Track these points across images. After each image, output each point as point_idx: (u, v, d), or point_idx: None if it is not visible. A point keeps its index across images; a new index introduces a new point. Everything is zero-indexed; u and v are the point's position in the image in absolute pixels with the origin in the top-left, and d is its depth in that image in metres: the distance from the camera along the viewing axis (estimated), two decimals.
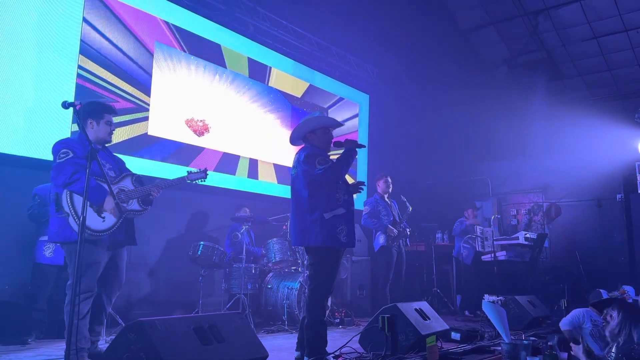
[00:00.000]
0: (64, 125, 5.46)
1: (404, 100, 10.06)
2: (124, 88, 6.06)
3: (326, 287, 3.75)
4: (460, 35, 10.65)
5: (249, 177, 7.49)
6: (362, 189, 4.00)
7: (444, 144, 10.18)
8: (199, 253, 5.85)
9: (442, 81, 9.77)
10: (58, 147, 3.56)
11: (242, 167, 7.40)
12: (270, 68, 8.02)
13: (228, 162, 7.19)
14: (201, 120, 6.88)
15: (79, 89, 5.62)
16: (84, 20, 5.74)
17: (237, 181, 7.29)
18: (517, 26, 10.17)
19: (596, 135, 9.18)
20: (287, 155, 7.99)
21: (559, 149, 9.75)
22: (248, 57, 7.66)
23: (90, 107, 3.75)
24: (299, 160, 3.86)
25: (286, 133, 8.07)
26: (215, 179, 6.92)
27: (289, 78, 8.35)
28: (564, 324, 4.52)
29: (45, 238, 4.70)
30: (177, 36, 6.72)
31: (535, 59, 10.73)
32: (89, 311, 3.54)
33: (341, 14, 8.55)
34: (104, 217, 3.54)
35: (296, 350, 3.84)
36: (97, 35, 5.86)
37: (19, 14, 5.22)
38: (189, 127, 6.73)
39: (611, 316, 3.60)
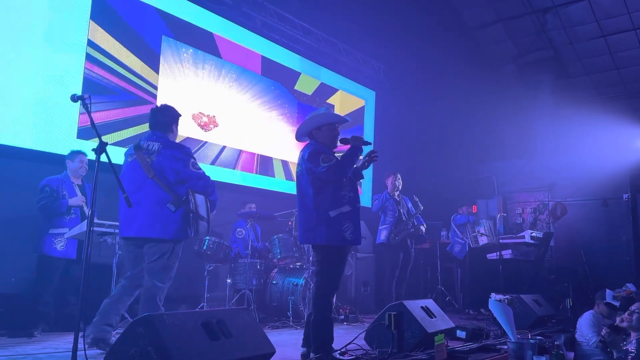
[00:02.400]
0: (72, 119, 5.47)
1: (410, 97, 10.02)
2: (134, 76, 6.07)
3: (332, 285, 3.74)
4: (467, 33, 10.59)
5: (257, 173, 7.49)
6: (376, 158, 3.90)
7: (450, 141, 10.14)
8: (204, 248, 5.86)
9: (449, 78, 9.72)
10: (186, 153, 3.82)
11: (248, 163, 7.41)
12: (276, 63, 8.00)
13: (243, 159, 7.19)
14: (209, 116, 6.87)
15: (87, 81, 5.62)
16: (91, 18, 5.74)
17: (242, 177, 7.29)
18: (525, 24, 10.10)
19: (603, 134, 9.13)
20: (295, 151, 7.98)
21: (566, 147, 9.70)
22: (255, 52, 7.64)
23: (175, 113, 3.99)
24: (303, 157, 3.81)
25: (292, 129, 8.07)
26: (221, 174, 6.92)
27: (295, 73, 8.33)
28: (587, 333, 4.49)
29: (56, 231, 4.71)
30: (184, 31, 6.71)
31: (543, 57, 10.67)
32: None
33: (348, 10, 8.53)
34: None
35: (302, 346, 3.83)
36: (105, 31, 5.85)
37: (27, 7, 5.22)
38: (196, 121, 6.72)
39: (634, 311, 3.60)
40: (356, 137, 3.89)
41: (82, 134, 5.53)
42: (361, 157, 3.98)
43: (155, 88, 6.30)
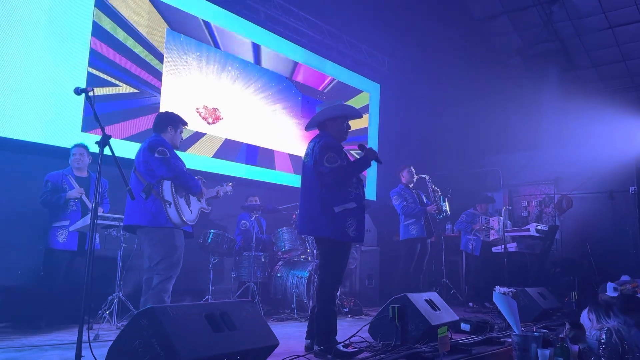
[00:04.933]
0: (76, 112, 5.48)
1: (415, 90, 9.97)
2: (136, 73, 6.07)
3: (335, 278, 3.74)
4: (473, 25, 10.51)
5: (261, 166, 7.48)
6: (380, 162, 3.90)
7: (455, 134, 10.08)
8: (209, 241, 5.88)
9: (454, 71, 9.66)
10: (156, 143, 3.94)
11: (252, 155, 7.41)
12: (281, 56, 7.98)
13: (248, 151, 7.19)
14: (213, 109, 6.87)
15: (90, 76, 5.62)
16: (96, 6, 5.74)
17: (247, 170, 7.28)
18: (531, 15, 10.01)
19: (609, 127, 9.07)
20: (299, 144, 7.97)
21: (572, 140, 9.64)
22: (259, 45, 7.62)
23: (172, 116, 4.21)
24: (313, 149, 3.77)
25: (296, 122, 8.06)
26: (226, 168, 6.93)
27: (299, 66, 8.31)
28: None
29: (59, 224, 4.74)
30: (189, 23, 6.69)
31: (549, 49, 10.58)
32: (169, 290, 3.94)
33: (353, 1, 8.48)
34: (191, 210, 4.01)
35: (306, 338, 3.84)
36: (109, 22, 5.85)
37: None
38: (200, 115, 6.72)
39: (589, 319, 3.62)
40: (373, 151, 3.84)
41: (87, 127, 5.54)
42: None
43: (160, 82, 6.30)
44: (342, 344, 3.69)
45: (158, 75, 6.31)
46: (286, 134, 7.89)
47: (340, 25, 8.92)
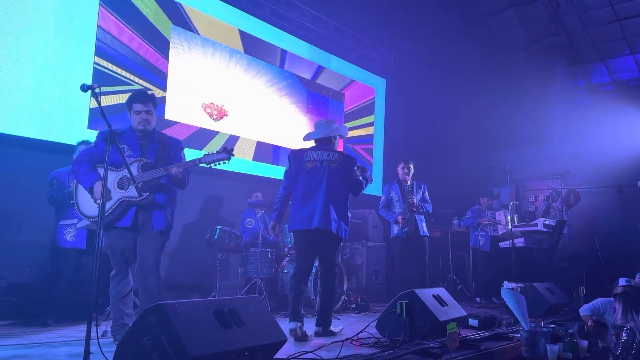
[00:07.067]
0: (83, 109, 5.48)
1: (421, 84, 9.92)
2: (141, 74, 6.07)
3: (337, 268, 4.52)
4: (479, 19, 10.44)
5: (265, 162, 7.48)
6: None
7: (462, 129, 10.04)
8: (215, 237, 5.87)
9: (460, 66, 9.61)
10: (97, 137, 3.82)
11: (262, 152, 7.40)
12: (285, 51, 7.95)
13: (247, 148, 7.18)
14: (219, 105, 6.86)
15: (97, 72, 5.63)
16: (100, 4, 5.74)
17: (252, 166, 7.28)
18: (538, 9, 9.93)
19: (617, 121, 9.02)
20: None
21: (579, 134, 9.59)
22: (264, 41, 7.60)
23: (128, 98, 3.77)
24: (342, 158, 4.34)
25: (302, 118, 8.04)
26: (231, 164, 6.91)
27: (304, 61, 8.28)
28: (584, 309, 4.45)
29: (66, 222, 4.75)
30: (193, 19, 6.68)
31: (556, 43, 10.51)
32: (129, 291, 3.79)
33: None
34: (98, 204, 3.51)
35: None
36: (113, 20, 5.84)
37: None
38: (206, 111, 6.72)
39: (615, 309, 3.62)
40: (366, 169, 4.60)
41: (93, 124, 5.54)
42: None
43: (165, 87, 6.30)
44: (351, 339, 3.72)
45: (165, 49, 6.28)
46: (291, 130, 7.87)
47: (345, 21, 8.87)
